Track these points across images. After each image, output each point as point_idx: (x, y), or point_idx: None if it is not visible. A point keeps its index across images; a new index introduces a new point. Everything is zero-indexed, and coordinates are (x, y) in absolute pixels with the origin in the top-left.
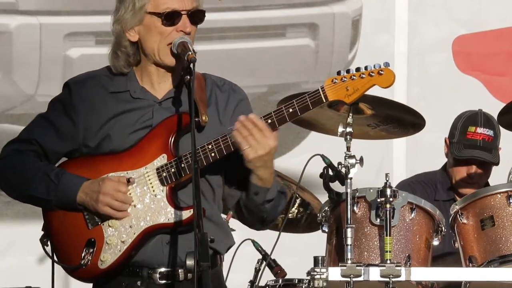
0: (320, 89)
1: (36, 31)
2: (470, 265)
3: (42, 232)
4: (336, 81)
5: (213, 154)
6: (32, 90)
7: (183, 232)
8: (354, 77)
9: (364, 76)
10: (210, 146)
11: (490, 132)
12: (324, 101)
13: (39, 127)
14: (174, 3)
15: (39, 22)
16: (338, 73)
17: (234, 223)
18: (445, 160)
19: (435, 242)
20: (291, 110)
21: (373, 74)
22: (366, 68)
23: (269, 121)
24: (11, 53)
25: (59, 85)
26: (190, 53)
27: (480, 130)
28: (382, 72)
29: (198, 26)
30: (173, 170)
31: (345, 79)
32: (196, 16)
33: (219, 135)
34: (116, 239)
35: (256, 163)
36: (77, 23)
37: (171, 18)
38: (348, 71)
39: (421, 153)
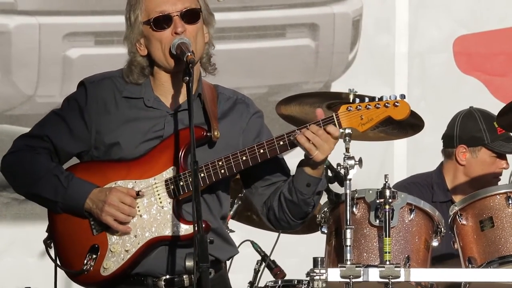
0: (334, 115)
1: (35, 31)
2: (470, 266)
3: (45, 233)
4: (351, 109)
5: (222, 171)
6: (31, 90)
7: (187, 246)
8: (369, 107)
9: (379, 106)
10: (220, 163)
11: None
12: (337, 128)
13: (52, 123)
14: (162, 7)
15: (38, 22)
16: (353, 101)
17: (233, 224)
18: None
19: (435, 243)
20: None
21: (388, 105)
22: (381, 98)
23: (281, 143)
24: (10, 54)
25: (58, 85)
26: (189, 54)
27: None
28: (397, 104)
29: None
30: (181, 183)
31: (360, 108)
32: (189, 15)
33: (230, 150)
34: (120, 248)
35: (321, 161)
36: (76, 23)
37: (161, 22)
38: (363, 100)
39: (422, 154)
